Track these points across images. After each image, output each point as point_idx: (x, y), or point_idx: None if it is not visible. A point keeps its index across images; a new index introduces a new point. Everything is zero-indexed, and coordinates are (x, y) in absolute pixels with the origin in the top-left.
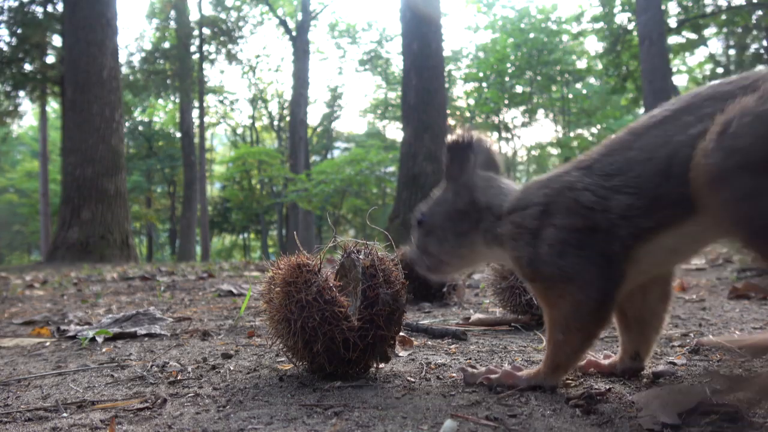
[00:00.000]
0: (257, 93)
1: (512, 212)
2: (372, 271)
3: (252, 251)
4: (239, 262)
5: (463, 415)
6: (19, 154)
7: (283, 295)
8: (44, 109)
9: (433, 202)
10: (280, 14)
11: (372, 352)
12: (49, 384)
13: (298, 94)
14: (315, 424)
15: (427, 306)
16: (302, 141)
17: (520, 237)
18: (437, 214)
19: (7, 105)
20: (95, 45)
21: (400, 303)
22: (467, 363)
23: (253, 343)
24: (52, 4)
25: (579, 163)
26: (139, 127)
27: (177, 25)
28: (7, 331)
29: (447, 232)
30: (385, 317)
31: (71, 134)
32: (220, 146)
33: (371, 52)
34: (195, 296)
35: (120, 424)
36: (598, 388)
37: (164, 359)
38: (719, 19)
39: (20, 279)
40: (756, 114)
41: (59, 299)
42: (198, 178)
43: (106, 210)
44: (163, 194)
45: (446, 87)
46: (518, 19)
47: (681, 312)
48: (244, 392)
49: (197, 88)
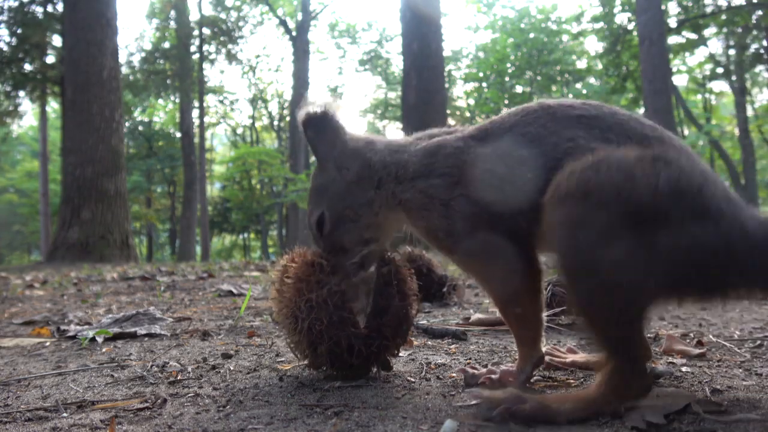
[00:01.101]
0: (257, 93)
1: (417, 178)
2: (387, 279)
3: (252, 251)
4: (239, 262)
5: (463, 415)
6: (19, 154)
7: (294, 291)
8: (44, 109)
9: (317, 195)
10: (280, 14)
11: (375, 360)
12: (49, 384)
13: (298, 94)
14: (315, 424)
15: (427, 306)
16: (302, 141)
17: (432, 207)
18: (332, 200)
19: (7, 105)
20: (95, 45)
21: (410, 315)
22: (467, 363)
23: (253, 343)
24: (52, 4)
25: (476, 132)
26: (139, 127)
27: (177, 25)
28: (7, 331)
29: (353, 210)
30: (393, 328)
31: (71, 134)
32: (220, 146)
33: (371, 52)
34: (195, 296)
35: (120, 424)
36: None
37: (164, 359)
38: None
39: (20, 279)
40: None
41: (59, 299)
42: (198, 178)
43: (106, 210)
44: (163, 194)
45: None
46: (518, 19)
47: (681, 312)
48: (244, 392)
49: (197, 88)
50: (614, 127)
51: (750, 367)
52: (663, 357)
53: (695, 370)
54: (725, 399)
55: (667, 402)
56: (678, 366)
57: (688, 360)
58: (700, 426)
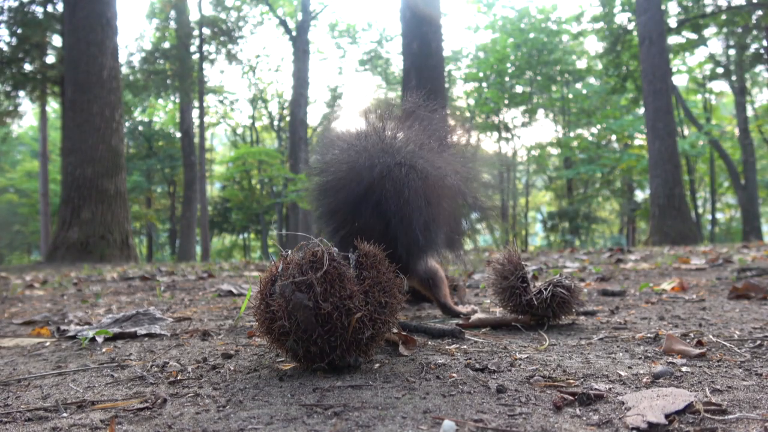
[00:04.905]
0: (257, 93)
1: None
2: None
3: (252, 251)
4: (239, 262)
5: (462, 415)
6: (19, 154)
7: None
8: (44, 109)
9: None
10: (280, 14)
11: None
12: (49, 384)
13: (298, 94)
14: (315, 424)
15: (427, 306)
16: (302, 141)
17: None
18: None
19: (7, 105)
20: (95, 45)
21: (316, 311)
22: (467, 364)
23: (253, 343)
24: (52, 4)
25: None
26: (139, 127)
27: (177, 25)
28: (7, 331)
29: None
30: (287, 313)
31: (71, 134)
32: (220, 146)
33: (371, 52)
34: (195, 296)
35: (120, 424)
36: (598, 388)
37: (164, 359)
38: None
39: (20, 279)
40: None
41: (59, 299)
42: (198, 178)
43: (106, 210)
44: (163, 194)
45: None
46: (518, 19)
47: (681, 312)
48: (244, 392)
49: (197, 88)
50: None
51: (750, 367)
52: (663, 357)
53: (695, 370)
54: (725, 399)
55: (667, 402)
56: (678, 366)
57: (688, 360)
58: (700, 426)
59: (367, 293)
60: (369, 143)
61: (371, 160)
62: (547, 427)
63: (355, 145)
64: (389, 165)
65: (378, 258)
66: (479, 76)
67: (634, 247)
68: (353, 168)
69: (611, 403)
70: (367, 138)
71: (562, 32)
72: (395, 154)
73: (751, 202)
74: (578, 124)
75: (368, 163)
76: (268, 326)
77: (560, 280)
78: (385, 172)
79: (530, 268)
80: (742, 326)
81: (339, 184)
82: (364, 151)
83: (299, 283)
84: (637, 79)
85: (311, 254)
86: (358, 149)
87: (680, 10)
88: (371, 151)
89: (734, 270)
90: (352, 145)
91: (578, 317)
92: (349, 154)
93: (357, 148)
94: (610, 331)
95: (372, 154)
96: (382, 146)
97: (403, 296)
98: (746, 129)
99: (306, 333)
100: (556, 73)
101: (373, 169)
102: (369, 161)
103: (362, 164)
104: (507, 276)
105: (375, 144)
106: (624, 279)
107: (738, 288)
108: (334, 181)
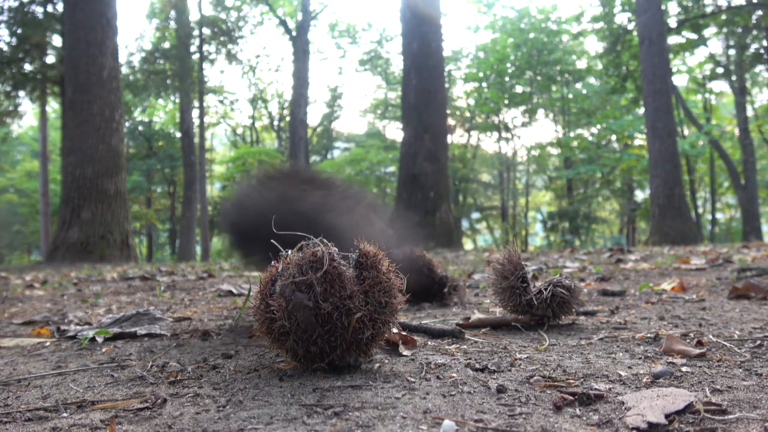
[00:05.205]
0: (257, 93)
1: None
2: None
3: None
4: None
5: (462, 415)
6: (19, 154)
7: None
8: (44, 109)
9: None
10: (280, 14)
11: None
12: (49, 384)
13: (298, 94)
14: (315, 424)
15: (427, 306)
16: (302, 141)
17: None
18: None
19: (7, 105)
20: (95, 45)
21: (316, 311)
22: (468, 364)
23: (253, 343)
24: (52, 4)
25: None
26: (139, 127)
27: (177, 25)
28: (7, 331)
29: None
30: (287, 312)
31: (71, 134)
32: (220, 146)
33: (371, 52)
34: (195, 296)
35: (120, 424)
36: (598, 388)
37: (164, 359)
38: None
39: (20, 279)
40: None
41: (59, 299)
42: (198, 178)
43: (106, 210)
44: (163, 194)
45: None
46: (518, 19)
47: (681, 312)
48: (244, 392)
49: (197, 88)
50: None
51: (750, 367)
52: (663, 357)
53: (695, 370)
54: (725, 399)
55: (667, 402)
56: (678, 366)
57: (688, 360)
58: (700, 426)
59: (367, 293)
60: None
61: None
62: (547, 427)
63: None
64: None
65: (378, 258)
66: (479, 76)
67: (634, 247)
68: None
69: (611, 403)
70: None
71: (562, 32)
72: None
73: (751, 202)
74: (578, 124)
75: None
76: (268, 326)
77: (560, 280)
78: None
79: (530, 268)
80: (742, 326)
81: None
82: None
83: (299, 283)
84: (637, 79)
85: (311, 254)
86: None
87: (680, 10)
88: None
89: (734, 270)
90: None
91: (578, 317)
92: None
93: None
94: (610, 331)
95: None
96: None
97: (403, 296)
98: (746, 129)
99: (306, 333)
100: (556, 73)
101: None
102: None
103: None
104: (507, 276)
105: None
106: (624, 279)
107: (738, 288)
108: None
